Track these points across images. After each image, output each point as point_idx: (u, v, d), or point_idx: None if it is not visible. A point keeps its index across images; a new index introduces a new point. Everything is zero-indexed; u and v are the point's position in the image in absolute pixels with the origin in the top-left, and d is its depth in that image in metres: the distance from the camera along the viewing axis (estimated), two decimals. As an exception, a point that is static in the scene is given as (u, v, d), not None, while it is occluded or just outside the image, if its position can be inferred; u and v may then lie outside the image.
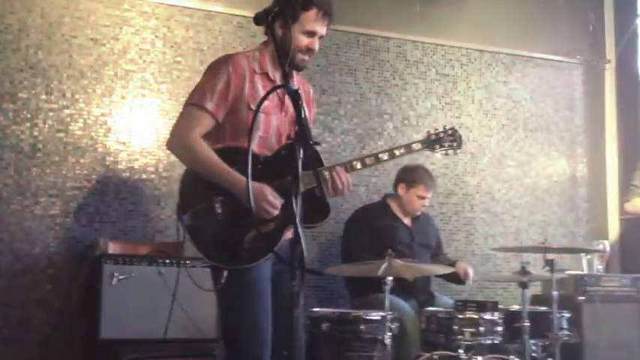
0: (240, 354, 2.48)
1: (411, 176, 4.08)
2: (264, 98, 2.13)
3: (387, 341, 3.05)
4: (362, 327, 3.18)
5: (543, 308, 3.63)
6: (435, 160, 4.72)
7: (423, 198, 4.07)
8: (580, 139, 5.35)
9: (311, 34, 2.55)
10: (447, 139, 2.88)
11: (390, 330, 3.10)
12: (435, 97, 4.96)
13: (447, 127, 2.91)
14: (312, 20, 2.53)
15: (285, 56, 2.45)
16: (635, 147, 5.29)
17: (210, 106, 2.51)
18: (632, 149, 5.29)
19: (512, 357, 3.13)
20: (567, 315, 3.64)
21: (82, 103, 4.05)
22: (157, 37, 4.25)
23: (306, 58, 2.58)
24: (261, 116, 2.53)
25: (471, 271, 4.00)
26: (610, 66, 5.44)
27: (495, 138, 5.09)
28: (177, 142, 2.55)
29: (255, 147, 2.51)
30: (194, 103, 2.54)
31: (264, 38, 2.63)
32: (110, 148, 4.08)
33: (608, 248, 4.53)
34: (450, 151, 2.90)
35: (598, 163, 5.35)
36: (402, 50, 4.89)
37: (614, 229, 5.25)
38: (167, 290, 3.48)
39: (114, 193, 4.05)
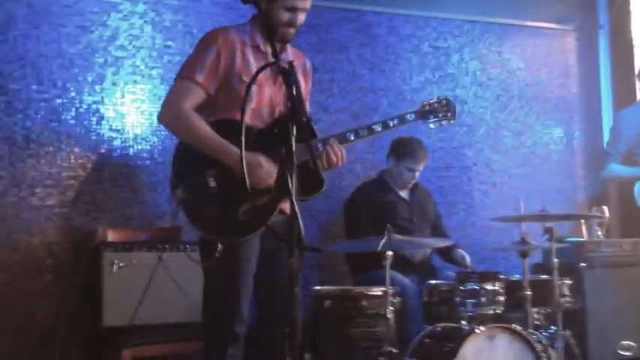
0: (219, 331, 2.51)
1: (400, 148, 4.07)
2: (257, 73, 2.11)
3: (390, 316, 3.06)
4: (364, 303, 3.18)
5: (544, 276, 3.63)
6: (431, 134, 4.70)
7: (412, 170, 4.05)
8: (576, 106, 5.33)
9: (292, 9, 2.53)
10: (440, 110, 2.89)
11: (393, 305, 3.10)
12: (428, 70, 4.92)
13: (441, 98, 2.90)
14: None
15: (272, 32, 2.44)
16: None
17: (200, 78, 2.51)
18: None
19: (514, 325, 3.13)
20: (569, 282, 3.64)
21: (74, 92, 4.01)
22: (145, 21, 4.20)
23: (291, 31, 2.57)
24: (254, 88, 2.52)
25: (468, 259, 4.02)
26: (603, 31, 5.40)
27: (491, 109, 5.06)
28: (169, 114, 2.55)
29: (247, 119, 2.50)
30: (184, 75, 2.55)
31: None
32: (104, 135, 4.05)
33: (607, 214, 4.52)
34: (444, 122, 2.90)
35: (594, 129, 5.32)
36: (393, 25, 4.85)
37: (612, 194, 5.24)
38: (168, 275, 3.49)
39: (110, 181, 4.03)
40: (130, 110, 4.12)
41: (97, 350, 3.65)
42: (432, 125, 2.91)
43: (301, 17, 2.57)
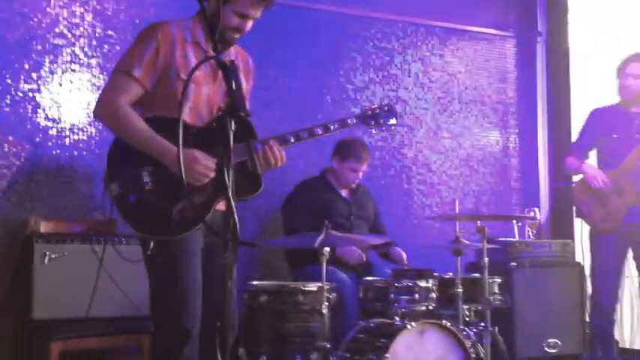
0: (168, 327, 2.47)
1: (344, 149, 4.12)
2: (195, 69, 2.09)
3: (325, 311, 3.09)
4: (300, 298, 3.21)
5: (476, 275, 3.73)
6: (372, 133, 4.76)
7: (355, 171, 4.12)
8: (512, 110, 5.49)
9: (243, 16, 2.51)
10: (382, 116, 2.90)
11: (328, 300, 3.14)
12: (372, 70, 4.99)
13: (384, 103, 2.93)
14: (246, 2, 2.49)
15: (214, 31, 2.41)
16: (565, 117, 5.45)
17: (137, 73, 2.46)
18: (562, 120, 5.45)
19: (444, 321, 3.21)
20: (499, 280, 3.75)
21: (9, 79, 3.91)
22: (86, 10, 4.12)
23: (236, 36, 2.55)
24: (192, 86, 2.49)
25: (404, 256, 4.08)
26: (542, 39, 5.57)
27: (431, 111, 5.17)
28: (104, 109, 2.50)
29: (186, 117, 2.47)
30: (121, 69, 2.49)
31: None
32: (39, 124, 3.96)
33: (538, 215, 4.67)
34: (385, 128, 2.93)
35: (529, 133, 5.50)
36: (339, 24, 4.89)
37: (544, 197, 5.43)
38: (101, 269, 3.43)
39: (44, 172, 3.94)
40: (68, 99, 4.04)
41: (25, 343, 3.56)
42: (373, 130, 2.94)
43: (249, 24, 2.56)
